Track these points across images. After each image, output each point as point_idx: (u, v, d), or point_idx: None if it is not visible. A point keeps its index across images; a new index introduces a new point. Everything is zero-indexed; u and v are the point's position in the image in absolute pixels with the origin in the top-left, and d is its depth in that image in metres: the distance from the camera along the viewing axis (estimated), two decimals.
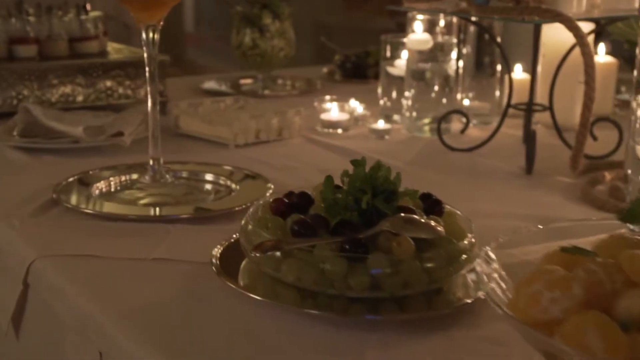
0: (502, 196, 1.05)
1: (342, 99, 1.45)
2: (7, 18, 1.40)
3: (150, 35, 0.96)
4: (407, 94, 1.37)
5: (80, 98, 1.39)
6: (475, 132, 1.35)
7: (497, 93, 1.46)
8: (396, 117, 1.44)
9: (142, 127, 1.28)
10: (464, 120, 1.31)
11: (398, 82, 1.45)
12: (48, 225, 0.90)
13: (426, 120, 1.37)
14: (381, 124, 1.35)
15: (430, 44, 1.35)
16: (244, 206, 0.93)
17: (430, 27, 1.36)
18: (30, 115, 1.29)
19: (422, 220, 0.71)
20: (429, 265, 0.69)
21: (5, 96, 1.33)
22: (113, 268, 0.80)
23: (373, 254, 0.68)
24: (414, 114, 1.38)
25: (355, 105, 1.44)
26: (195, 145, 1.27)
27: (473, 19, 1.28)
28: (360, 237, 0.69)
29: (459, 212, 0.79)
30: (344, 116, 1.38)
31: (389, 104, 1.47)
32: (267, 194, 0.98)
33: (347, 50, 1.93)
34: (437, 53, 1.35)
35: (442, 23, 1.36)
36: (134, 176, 1.06)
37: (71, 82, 1.38)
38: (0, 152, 1.19)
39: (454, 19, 1.35)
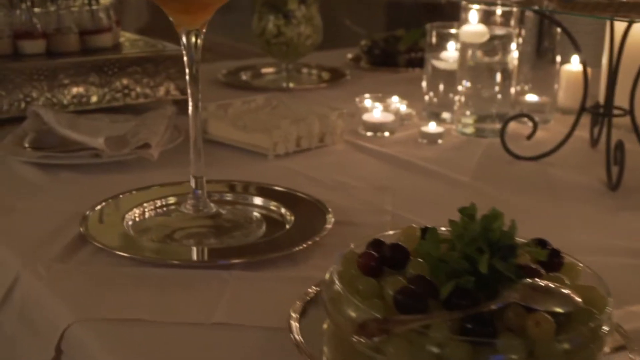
0: (592, 222, 0.91)
1: (381, 94, 1.31)
2: (9, 9, 1.25)
3: (193, 40, 0.82)
4: (460, 88, 1.24)
5: (94, 99, 1.25)
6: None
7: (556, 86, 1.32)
8: (445, 115, 1.31)
9: (167, 135, 1.14)
10: (526, 120, 1.17)
11: (444, 76, 1.32)
12: (80, 274, 0.76)
13: (469, 121, 1.24)
14: (433, 127, 1.21)
15: (486, 37, 1.21)
16: (304, 246, 0.80)
17: (486, 16, 1.22)
18: (41, 121, 1.15)
19: (558, 289, 0.58)
20: (569, 346, 0.56)
21: (12, 99, 1.18)
22: (165, 335, 0.66)
23: (503, 336, 0.55)
24: (467, 112, 1.24)
25: (399, 103, 1.30)
26: (228, 154, 1.13)
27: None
28: (484, 313, 0.56)
29: (579, 263, 0.66)
30: (388, 117, 1.25)
31: (435, 100, 1.33)
32: (328, 226, 0.84)
33: (375, 34, 1.78)
34: (494, 46, 1.21)
35: (499, 11, 1.22)
36: (171, 200, 0.92)
37: (84, 82, 1.23)
38: (11, 169, 1.04)
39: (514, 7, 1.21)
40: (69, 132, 1.09)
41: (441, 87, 1.32)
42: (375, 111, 1.25)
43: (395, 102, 1.30)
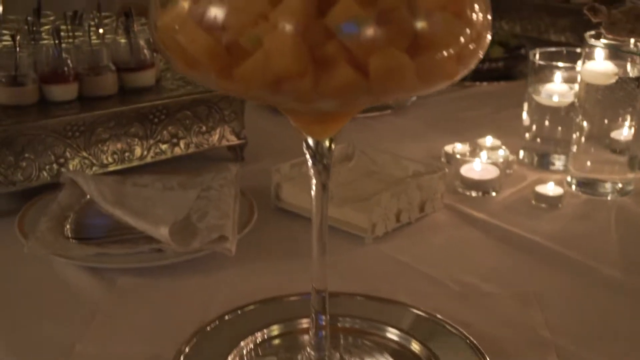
0: None
1: (471, 137, 1.12)
2: (30, 42, 1.02)
3: (326, 145, 0.61)
4: (581, 125, 1.03)
5: (137, 153, 1.03)
6: None
7: None
8: (556, 159, 1.11)
9: (237, 208, 0.93)
10: None
11: (549, 112, 1.12)
12: None
13: (591, 172, 1.04)
14: (551, 188, 1.01)
15: (615, 79, 1.00)
16: None
17: (612, 53, 1.01)
18: (80, 192, 0.94)
19: None
20: None
21: (42, 163, 0.96)
22: None
23: None
24: (588, 163, 1.04)
25: (497, 146, 1.10)
26: (309, 230, 0.92)
27: None
28: None
29: None
30: (492, 171, 1.04)
31: (538, 140, 1.13)
32: None
33: None
34: (626, 89, 1.00)
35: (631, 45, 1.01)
36: (274, 330, 0.72)
37: (125, 134, 1.02)
38: (55, 272, 0.83)
39: None
40: (120, 214, 0.88)
41: (546, 123, 1.12)
42: (475, 164, 1.05)
43: (490, 144, 1.10)
